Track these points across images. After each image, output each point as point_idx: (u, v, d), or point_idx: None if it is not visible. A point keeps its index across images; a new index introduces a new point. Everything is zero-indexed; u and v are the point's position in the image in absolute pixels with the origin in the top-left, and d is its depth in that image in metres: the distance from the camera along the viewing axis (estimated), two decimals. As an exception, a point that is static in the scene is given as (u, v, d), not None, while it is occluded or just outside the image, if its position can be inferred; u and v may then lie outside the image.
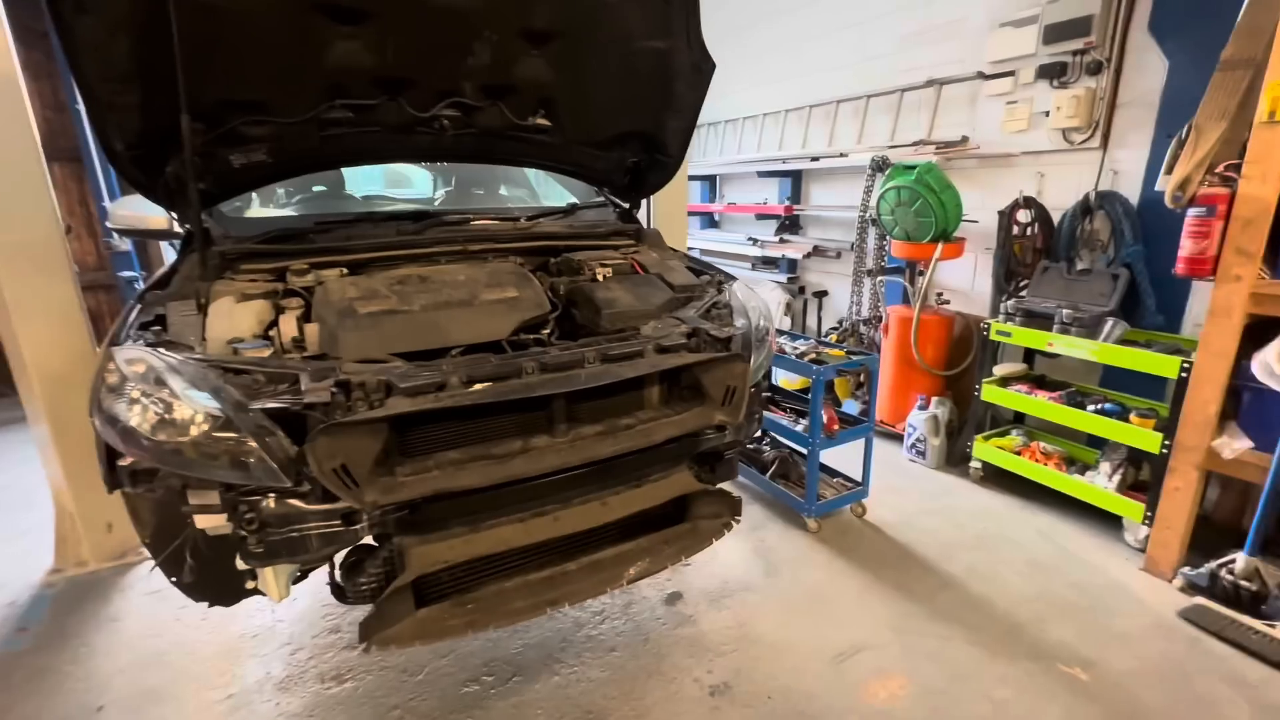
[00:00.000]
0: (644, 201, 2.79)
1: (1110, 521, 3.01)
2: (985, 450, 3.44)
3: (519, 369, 1.46)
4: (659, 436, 1.62)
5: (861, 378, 4.36)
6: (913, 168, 3.64)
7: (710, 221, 6.61)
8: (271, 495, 1.32)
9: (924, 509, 3.27)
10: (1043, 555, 2.85)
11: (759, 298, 2.22)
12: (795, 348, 3.26)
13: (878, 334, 4.38)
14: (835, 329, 4.76)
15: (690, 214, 5.96)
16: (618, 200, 2.74)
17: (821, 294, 5.17)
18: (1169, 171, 2.49)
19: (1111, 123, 3.22)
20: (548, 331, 1.90)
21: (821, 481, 3.20)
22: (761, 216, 5.60)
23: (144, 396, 1.30)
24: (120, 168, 1.76)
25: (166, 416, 1.27)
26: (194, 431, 1.26)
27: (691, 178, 6.11)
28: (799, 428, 3.13)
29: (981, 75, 3.71)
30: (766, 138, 5.62)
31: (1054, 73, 3.32)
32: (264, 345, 1.53)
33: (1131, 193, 3.17)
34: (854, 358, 3.13)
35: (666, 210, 3.71)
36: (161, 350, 1.40)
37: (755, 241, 5.49)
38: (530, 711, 2.04)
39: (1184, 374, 2.56)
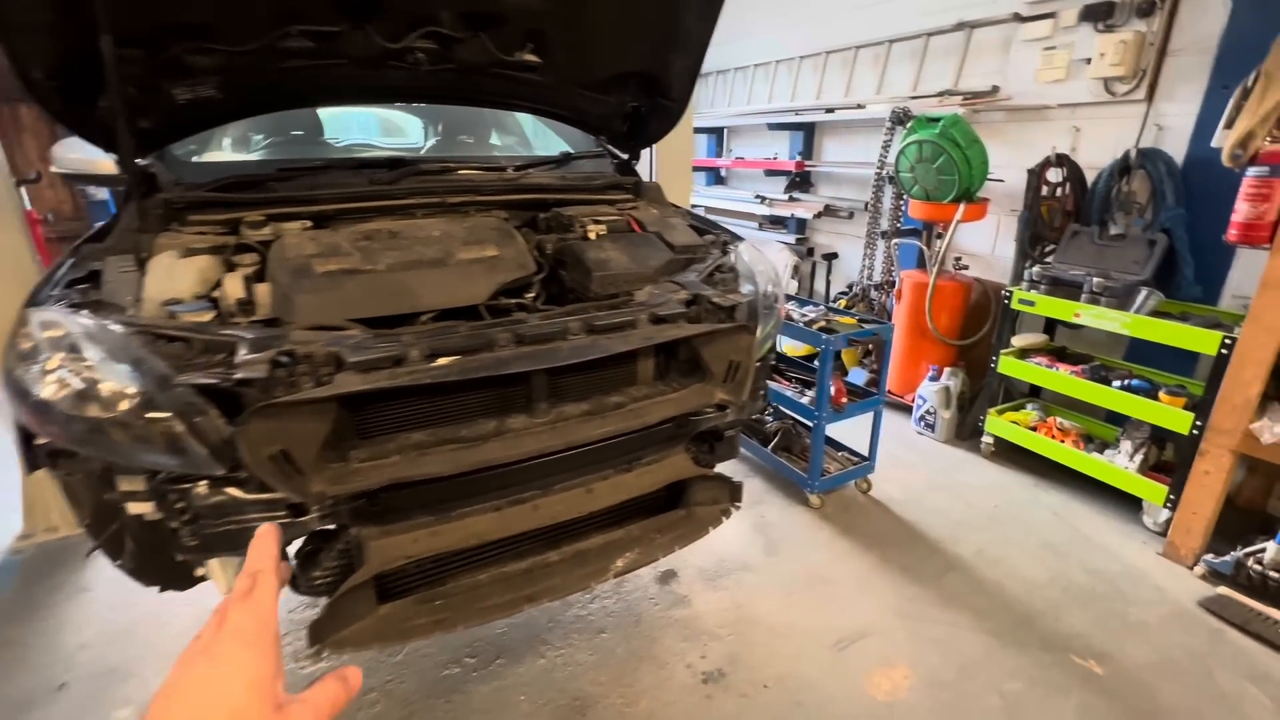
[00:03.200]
0: (647, 154, 2.54)
1: (1128, 503, 2.87)
2: (998, 425, 3.27)
3: (491, 341, 1.28)
4: (653, 417, 1.44)
5: (870, 346, 4.17)
6: (937, 120, 3.36)
7: (716, 178, 6.29)
8: (204, 483, 1.16)
9: (932, 485, 3.13)
10: (1056, 537, 2.72)
11: (767, 260, 2.01)
12: (803, 314, 3.06)
13: (890, 300, 4.17)
14: (845, 294, 4.54)
15: (695, 169, 5.65)
16: (616, 151, 2.50)
17: (831, 256, 4.92)
18: (1229, 126, 2.23)
19: (1160, 72, 2.93)
20: (533, 295, 1.71)
21: (825, 455, 3.05)
22: (771, 173, 5.31)
23: (57, 367, 1.12)
24: (43, 101, 1.53)
25: (80, 390, 1.10)
26: (109, 409, 1.09)
27: (697, 130, 5.76)
28: (804, 399, 2.96)
29: (1018, 17, 3.38)
30: (779, 87, 5.27)
31: (1100, 14, 3.01)
32: (206, 308, 1.34)
33: (1176, 150, 2.90)
34: (866, 327, 2.94)
35: (670, 164, 3.45)
36: (84, 313, 1.22)
37: (763, 200, 5.20)
38: (512, 696, 1.94)
39: (1224, 351, 2.37)
